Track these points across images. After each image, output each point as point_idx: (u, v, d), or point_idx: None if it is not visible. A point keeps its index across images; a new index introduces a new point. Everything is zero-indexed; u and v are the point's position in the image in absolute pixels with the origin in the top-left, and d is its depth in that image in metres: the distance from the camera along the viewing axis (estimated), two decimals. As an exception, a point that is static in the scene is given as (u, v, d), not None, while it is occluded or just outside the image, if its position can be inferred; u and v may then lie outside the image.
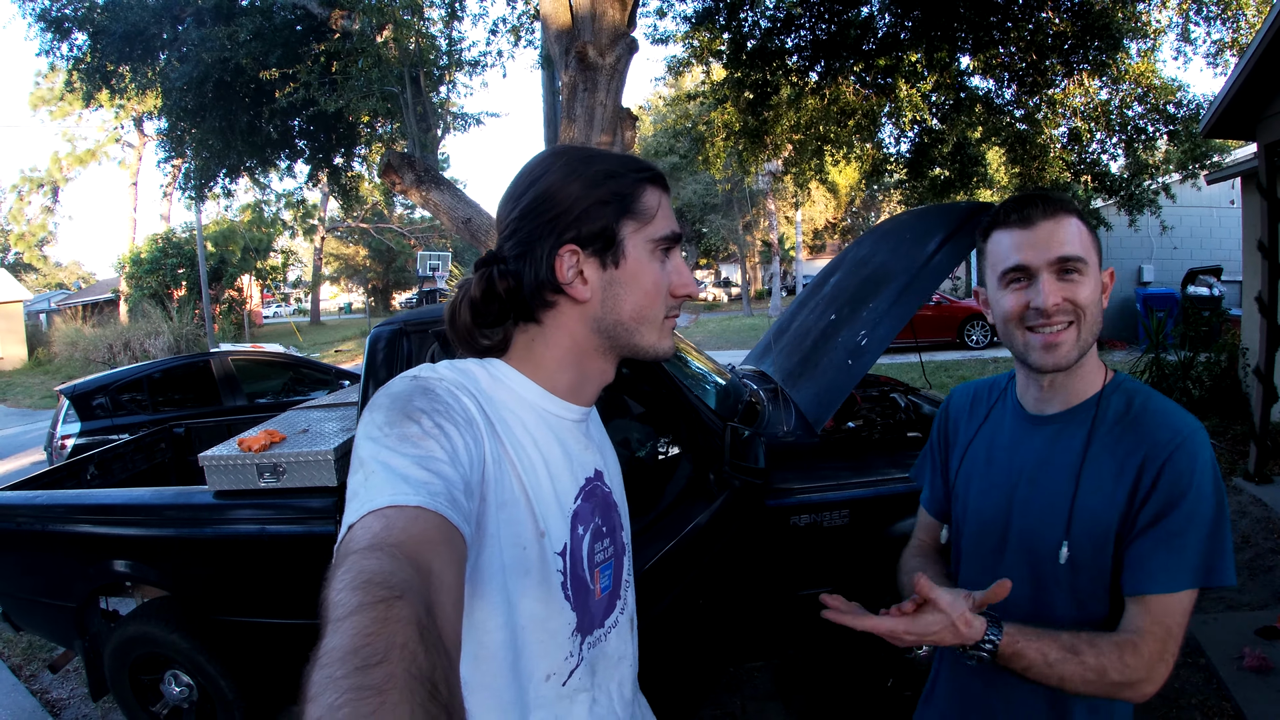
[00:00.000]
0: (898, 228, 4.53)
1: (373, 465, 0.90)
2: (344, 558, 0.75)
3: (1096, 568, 1.41)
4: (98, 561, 3.79)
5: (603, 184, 1.17)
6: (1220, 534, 1.32)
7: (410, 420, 0.96)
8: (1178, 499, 1.32)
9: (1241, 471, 7.01)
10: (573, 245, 1.15)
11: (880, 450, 3.75)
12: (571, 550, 1.16)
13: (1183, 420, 1.38)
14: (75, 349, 27.30)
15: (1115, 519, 1.38)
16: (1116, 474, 1.39)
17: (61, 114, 37.69)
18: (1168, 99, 9.87)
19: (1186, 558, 1.31)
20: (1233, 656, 4.05)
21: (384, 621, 0.65)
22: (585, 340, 1.21)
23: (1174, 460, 1.33)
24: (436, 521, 0.84)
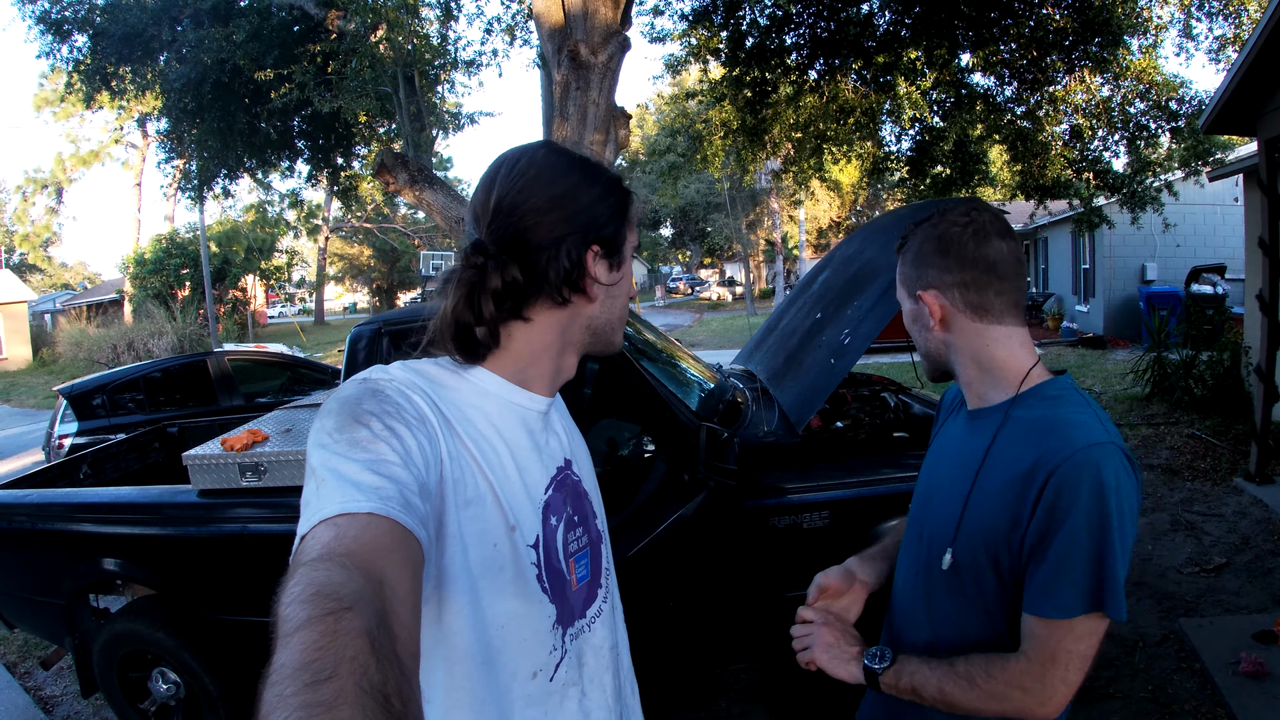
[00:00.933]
0: (888, 224, 4.51)
1: (323, 473, 0.88)
2: (294, 570, 0.73)
3: (980, 579, 1.38)
4: (87, 559, 3.81)
5: (614, 192, 1.21)
6: (1104, 563, 1.23)
7: (359, 424, 0.94)
8: (1062, 519, 1.25)
9: (1243, 472, 6.98)
10: (597, 246, 1.17)
11: (863, 451, 3.74)
12: (545, 542, 1.15)
13: (1084, 433, 1.29)
14: (79, 349, 27.41)
15: (1005, 529, 1.33)
16: (1007, 482, 1.34)
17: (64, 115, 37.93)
18: (1170, 95, 9.83)
19: (1070, 582, 1.24)
20: (1228, 661, 3.99)
21: (333, 635, 0.64)
22: (573, 337, 1.22)
23: (1058, 475, 1.26)
24: (388, 527, 0.82)
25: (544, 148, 1.21)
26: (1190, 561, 5.39)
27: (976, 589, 1.39)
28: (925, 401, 4.63)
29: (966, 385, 1.49)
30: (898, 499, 3.48)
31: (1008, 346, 1.43)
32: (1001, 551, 1.33)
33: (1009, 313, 1.42)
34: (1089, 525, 1.23)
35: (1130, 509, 1.26)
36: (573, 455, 1.29)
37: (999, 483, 1.35)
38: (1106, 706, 3.80)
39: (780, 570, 3.51)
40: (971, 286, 1.41)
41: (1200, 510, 6.34)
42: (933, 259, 1.44)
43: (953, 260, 1.41)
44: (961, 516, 1.41)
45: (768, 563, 3.48)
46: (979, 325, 1.42)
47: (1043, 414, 1.36)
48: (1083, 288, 19.58)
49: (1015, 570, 1.32)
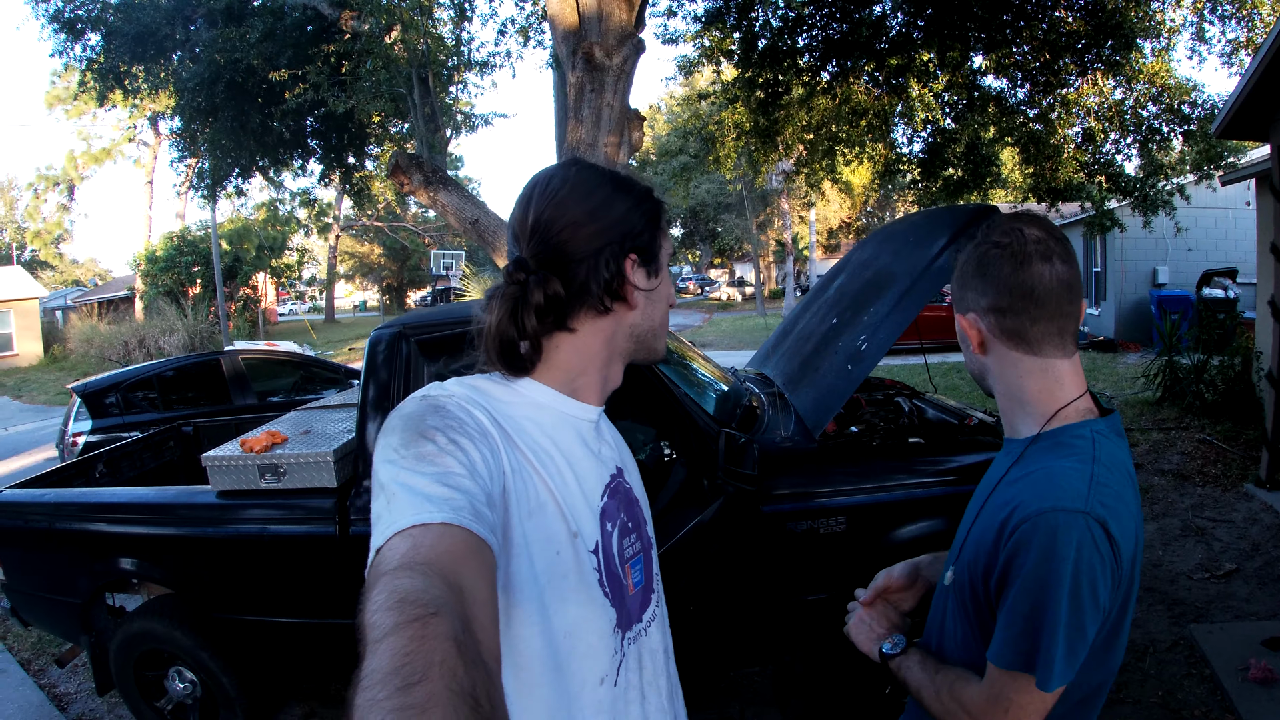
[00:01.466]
0: (903, 229, 4.51)
1: (393, 488, 0.90)
2: (375, 580, 0.75)
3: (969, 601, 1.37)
4: (104, 559, 3.83)
5: (646, 202, 1.25)
6: (1040, 631, 1.19)
7: (425, 439, 0.97)
8: (1013, 577, 1.23)
9: (1253, 477, 6.97)
10: (634, 255, 1.21)
11: (879, 456, 3.74)
12: (603, 547, 1.18)
13: (1058, 494, 1.23)
14: (90, 346, 27.49)
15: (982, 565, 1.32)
16: (991, 521, 1.32)
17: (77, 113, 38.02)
18: (1182, 99, 9.80)
19: (1011, 638, 1.23)
20: (1237, 668, 3.99)
21: (421, 639, 0.65)
22: (619, 345, 1.25)
23: (1019, 533, 1.23)
24: (462, 536, 0.84)
25: (575, 164, 1.25)
26: (1200, 567, 5.38)
27: (969, 608, 1.38)
28: (939, 406, 4.63)
29: (1001, 411, 1.47)
30: (914, 504, 3.49)
31: (1041, 380, 1.37)
32: (979, 585, 1.33)
33: (1048, 342, 1.35)
34: (1030, 590, 1.20)
35: (1090, 584, 1.19)
36: (623, 463, 1.33)
37: (989, 520, 1.33)
38: (1117, 712, 3.80)
39: (797, 575, 3.52)
40: (1007, 313, 1.34)
41: (1211, 516, 6.33)
42: (972, 281, 1.39)
43: (989, 284, 1.36)
44: (965, 540, 1.42)
45: (784, 568, 3.49)
46: (1014, 354, 1.37)
47: (1042, 462, 1.31)
48: (1094, 291, 19.53)
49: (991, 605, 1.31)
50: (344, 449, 3.53)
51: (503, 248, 6.96)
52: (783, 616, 3.57)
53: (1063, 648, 1.18)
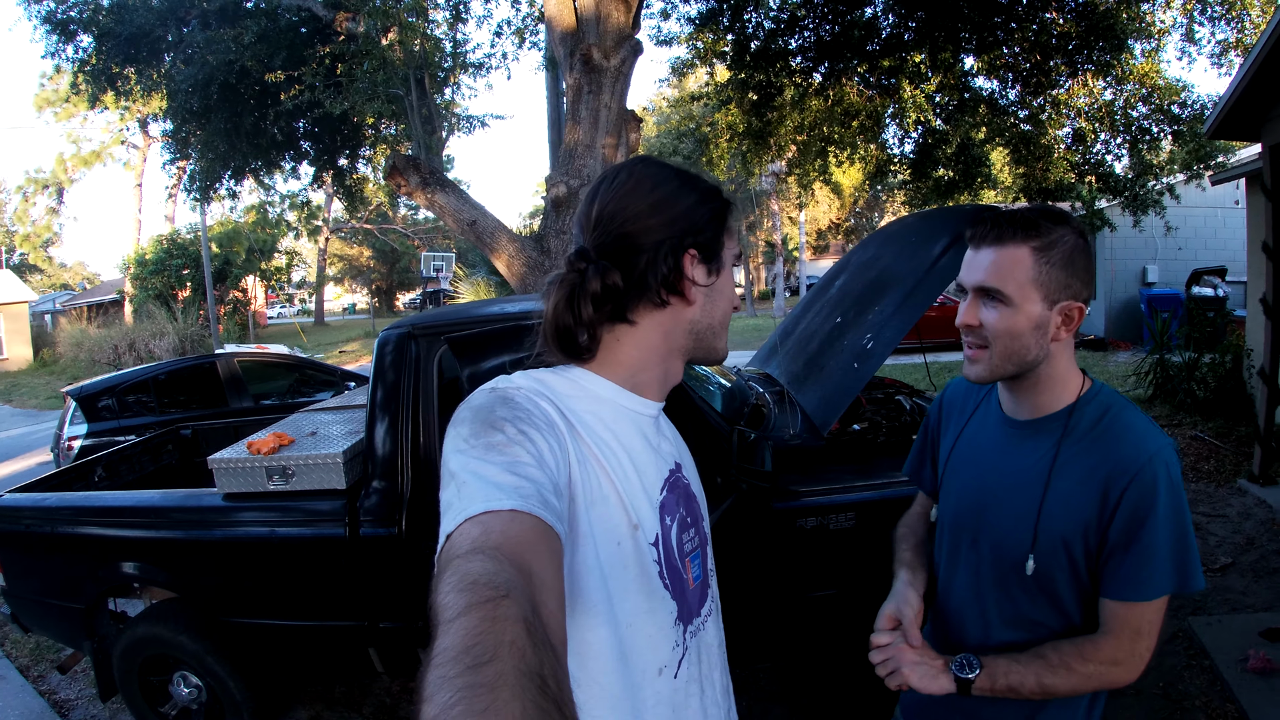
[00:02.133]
0: (903, 230, 4.53)
1: (464, 476, 0.93)
2: (447, 564, 0.77)
3: (1064, 577, 1.48)
4: (106, 564, 3.81)
5: (712, 199, 1.26)
6: (1186, 546, 1.39)
7: (494, 429, 1.00)
8: (1144, 517, 1.38)
9: (1246, 473, 7.01)
10: (694, 250, 1.21)
11: (886, 452, 3.76)
12: (663, 540, 1.19)
13: (1151, 438, 1.42)
14: (80, 350, 27.34)
15: (1081, 531, 1.44)
16: (1082, 488, 1.44)
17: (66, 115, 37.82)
18: (1172, 99, 9.86)
19: (1157, 570, 1.38)
20: (1237, 659, 4.05)
21: (492, 620, 0.66)
22: (677, 341, 1.25)
23: (1139, 480, 1.38)
24: (531, 523, 0.86)
25: (642, 161, 1.27)
26: (1198, 562, 5.42)
27: (1056, 588, 1.47)
28: (939, 404, 4.65)
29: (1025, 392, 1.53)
30: (920, 500, 3.51)
31: (1071, 356, 1.52)
32: (1078, 551, 1.44)
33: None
34: (1172, 520, 1.37)
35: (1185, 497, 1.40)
36: (681, 459, 1.34)
37: (1073, 488, 1.44)
38: (1120, 702, 3.83)
39: (807, 571, 3.54)
40: (1086, 301, 1.47)
41: (1205, 511, 6.38)
42: (1081, 272, 1.46)
43: (1089, 276, 1.47)
44: (1038, 523, 1.46)
45: (795, 564, 3.51)
46: (1071, 338, 1.50)
47: (1107, 421, 1.46)
48: (1084, 290, 19.55)
49: (1091, 566, 1.44)
50: (353, 450, 3.52)
51: (500, 249, 6.96)
52: (792, 612, 3.58)
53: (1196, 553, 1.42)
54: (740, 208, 38.71)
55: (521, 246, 6.86)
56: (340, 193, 13.87)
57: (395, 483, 3.43)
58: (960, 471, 1.68)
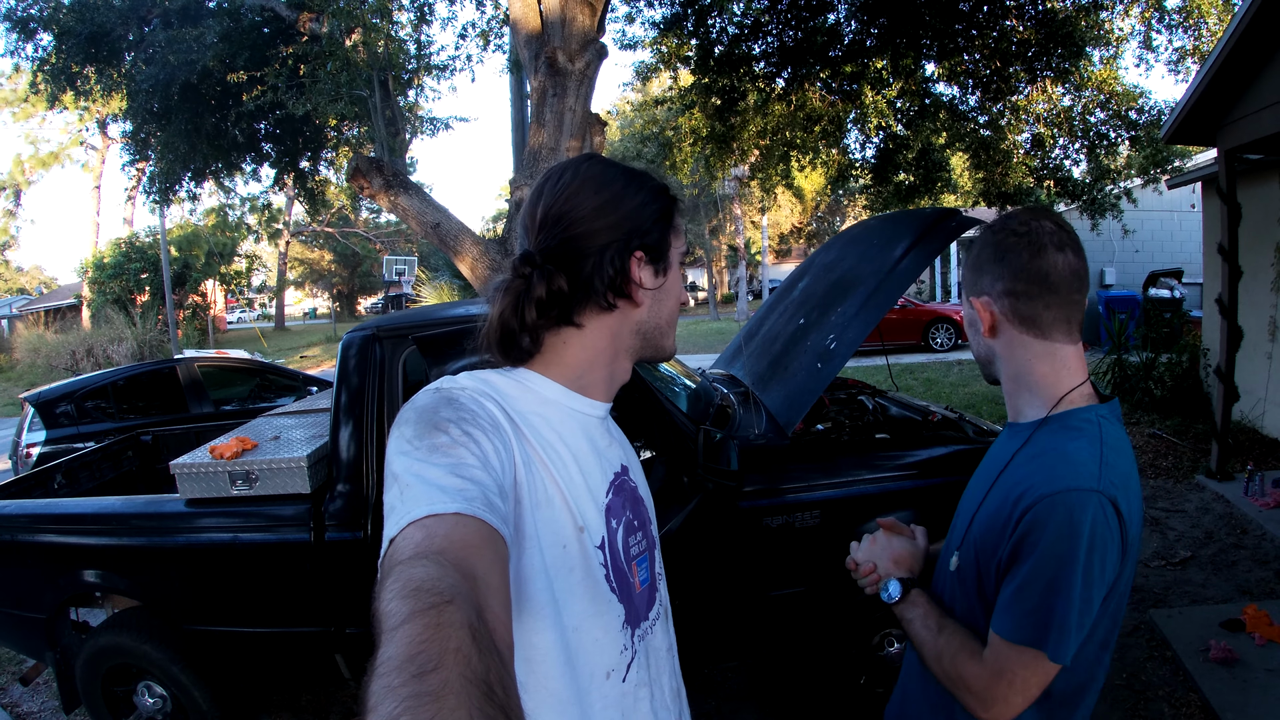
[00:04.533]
0: (865, 233, 4.58)
1: (407, 478, 0.91)
2: (390, 569, 0.76)
3: (975, 583, 1.42)
4: (67, 572, 3.75)
5: (658, 198, 1.24)
6: (1054, 606, 1.25)
7: (438, 430, 0.98)
8: (1028, 553, 1.28)
9: (1204, 469, 7.17)
10: (640, 252, 1.20)
11: (849, 451, 3.80)
12: (609, 543, 1.18)
13: (1072, 474, 1.30)
14: (37, 355, 26.88)
15: (991, 547, 1.37)
16: (1001, 502, 1.38)
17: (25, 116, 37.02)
18: (1129, 105, 10.04)
19: (1022, 612, 1.28)
20: (1199, 649, 4.14)
21: (436, 627, 0.66)
22: (624, 342, 1.25)
23: (1035, 511, 1.29)
24: (476, 526, 0.85)
25: (588, 160, 1.25)
26: (1157, 555, 5.53)
27: (974, 591, 1.43)
28: (902, 404, 4.71)
29: (1007, 397, 1.52)
30: (885, 497, 3.56)
31: (1049, 364, 1.43)
32: (987, 564, 1.38)
33: (1058, 328, 1.41)
34: (1045, 566, 1.26)
35: (1101, 559, 1.26)
36: (628, 461, 1.33)
37: (998, 501, 1.39)
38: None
39: (773, 569, 3.57)
40: (1021, 297, 1.40)
41: (1164, 507, 6.50)
42: (988, 266, 1.44)
43: (1006, 269, 1.41)
44: (970, 524, 1.46)
45: (760, 562, 3.53)
46: (1024, 338, 1.43)
47: (1053, 443, 1.37)
48: (1043, 292, 19.80)
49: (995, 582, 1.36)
50: (317, 454, 3.50)
51: (463, 252, 6.94)
52: (759, 610, 3.61)
53: (1075, 620, 1.25)
54: (703, 212, 38.83)
55: (485, 249, 6.84)
56: (302, 195, 13.74)
57: (360, 486, 3.41)
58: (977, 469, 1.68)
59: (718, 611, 3.56)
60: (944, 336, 18.91)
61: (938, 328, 19.01)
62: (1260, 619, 4.27)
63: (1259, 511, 6.06)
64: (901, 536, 1.63)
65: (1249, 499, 6.31)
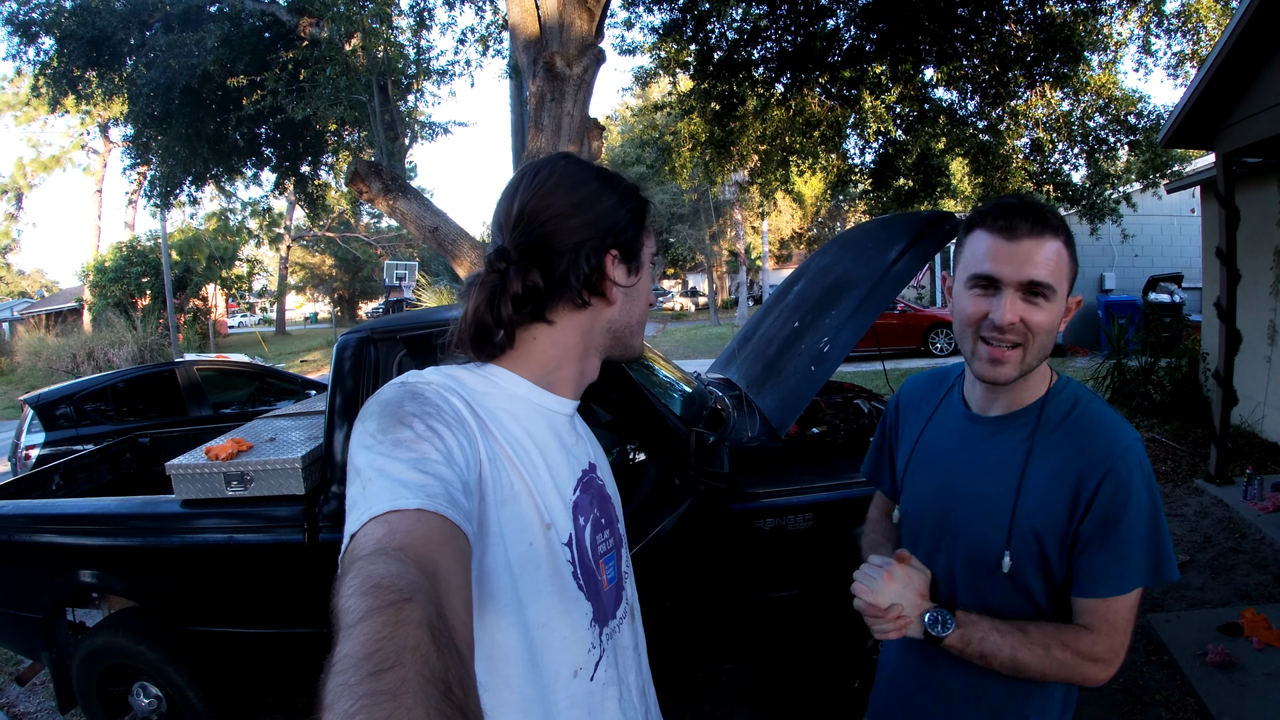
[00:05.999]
0: (861, 236, 4.59)
1: (369, 473, 0.91)
2: (350, 565, 0.76)
3: (1038, 572, 1.46)
4: (64, 572, 3.76)
5: (632, 199, 1.25)
6: (1160, 538, 1.39)
7: (403, 425, 0.97)
8: (1119, 513, 1.38)
9: (1203, 473, 7.15)
10: (615, 251, 1.20)
11: (843, 454, 3.79)
12: (576, 540, 1.17)
13: (1121, 432, 1.43)
14: (38, 358, 26.86)
15: (1055, 526, 1.43)
16: (1056, 482, 1.43)
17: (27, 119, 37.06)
18: (1129, 110, 10.03)
19: (1131, 564, 1.38)
20: (1196, 653, 4.13)
21: (395, 625, 0.66)
22: (595, 340, 1.25)
23: (1113, 474, 1.38)
24: (438, 522, 0.84)
25: (563, 159, 1.25)
26: (1156, 560, 5.51)
27: (1028, 584, 1.47)
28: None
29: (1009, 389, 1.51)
30: (878, 500, 3.55)
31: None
32: (1052, 547, 1.44)
33: None
34: (1143, 512, 1.38)
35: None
36: (596, 459, 1.33)
37: (1046, 483, 1.44)
38: (1081, 699, 3.88)
39: (766, 572, 3.57)
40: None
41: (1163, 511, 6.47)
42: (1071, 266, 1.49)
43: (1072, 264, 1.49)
44: (1013, 520, 1.45)
45: (753, 565, 3.53)
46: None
47: (1077, 414, 1.48)
48: (1043, 297, 19.79)
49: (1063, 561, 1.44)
50: (312, 455, 3.50)
51: (462, 256, 6.95)
52: (753, 613, 3.61)
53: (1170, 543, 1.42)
54: (703, 217, 38.83)
55: (484, 253, 6.84)
56: (302, 200, 13.76)
57: (355, 488, 3.40)
58: (923, 471, 1.65)
59: (711, 614, 3.56)
60: (944, 341, 18.85)
61: (937, 333, 18.95)
62: (1258, 623, 4.27)
63: (1258, 516, 6.06)
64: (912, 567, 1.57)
65: (1248, 503, 6.30)
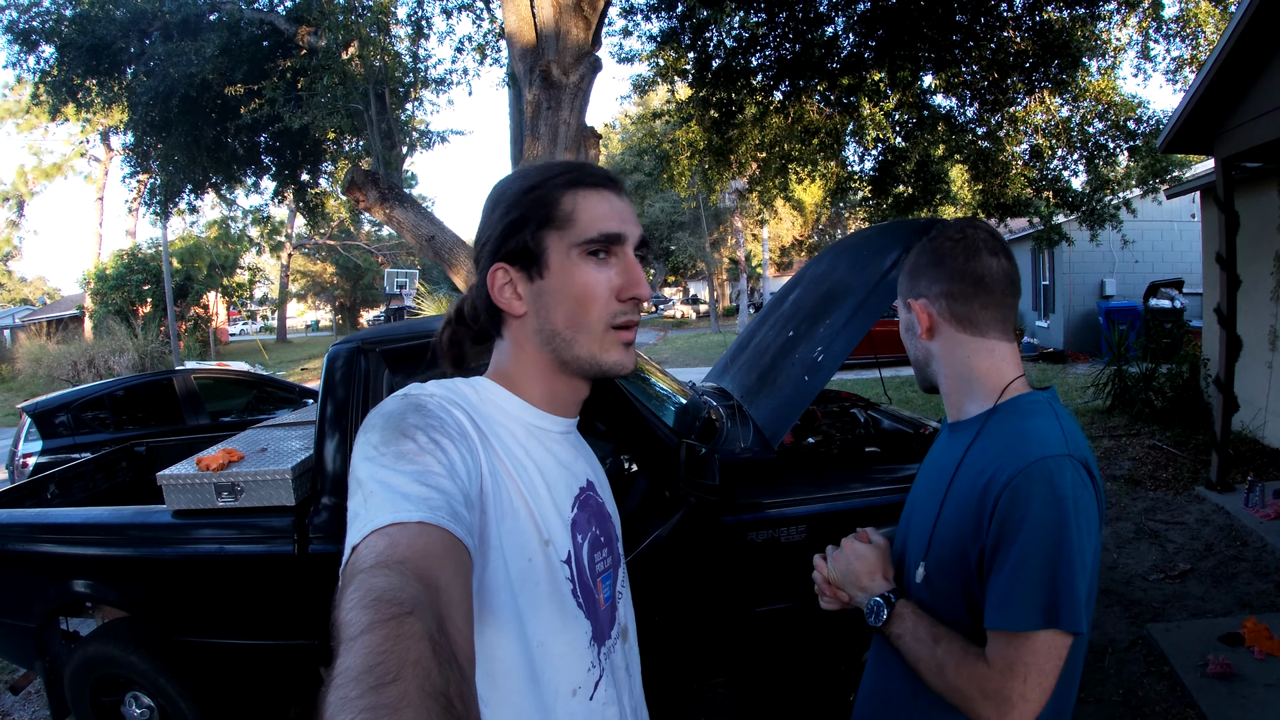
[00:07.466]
0: (856, 244, 4.57)
1: (371, 485, 0.90)
2: (351, 578, 0.75)
3: (949, 593, 1.39)
4: (57, 581, 3.75)
5: (522, 200, 1.18)
6: (1060, 575, 1.22)
7: (405, 437, 0.97)
8: (1011, 533, 1.25)
9: (1204, 480, 7.13)
10: (502, 263, 1.17)
11: (837, 465, 3.78)
12: (575, 558, 1.16)
13: (1038, 444, 1.30)
14: (39, 366, 26.86)
15: (969, 539, 1.33)
16: (968, 494, 1.36)
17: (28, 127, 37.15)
18: (1128, 115, 10.05)
19: (1024, 595, 1.23)
20: (1196, 664, 4.09)
21: (396, 639, 0.65)
22: (537, 354, 1.20)
23: (1012, 488, 1.27)
24: (439, 535, 0.84)
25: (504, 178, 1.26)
26: (1155, 568, 5.50)
27: (955, 595, 1.38)
28: (894, 416, 4.69)
29: (946, 397, 1.54)
30: (873, 512, 3.51)
31: (989, 359, 1.47)
32: (966, 563, 1.35)
33: (994, 327, 1.46)
34: (1042, 537, 1.23)
35: (1089, 521, 1.25)
36: (594, 477, 1.31)
37: (964, 495, 1.37)
38: (1079, 711, 3.83)
39: (759, 584, 3.54)
40: (958, 298, 1.46)
41: (1163, 519, 6.46)
42: (925, 270, 1.50)
43: (943, 271, 1.47)
44: (933, 530, 1.43)
45: (746, 577, 3.51)
46: (962, 336, 1.48)
47: (1011, 425, 1.38)
48: (1043, 303, 19.86)
49: (978, 581, 1.32)
50: (302, 466, 3.48)
51: (459, 265, 6.94)
52: (746, 626, 3.58)
53: (1081, 584, 1.23)
54: (704, 224, 38.89)
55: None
56: (302, 208, 13.78)
57: (345, 499, 3.38)
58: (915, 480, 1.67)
59: (703, 626, 3.54)
60: (943, 348, 18.78)
61: (937, 339, 18.88)
62: (1259, 633, 4.24)
63: (1259, 523, 6.03)
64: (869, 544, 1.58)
65: (1249, 510, 6.27)
